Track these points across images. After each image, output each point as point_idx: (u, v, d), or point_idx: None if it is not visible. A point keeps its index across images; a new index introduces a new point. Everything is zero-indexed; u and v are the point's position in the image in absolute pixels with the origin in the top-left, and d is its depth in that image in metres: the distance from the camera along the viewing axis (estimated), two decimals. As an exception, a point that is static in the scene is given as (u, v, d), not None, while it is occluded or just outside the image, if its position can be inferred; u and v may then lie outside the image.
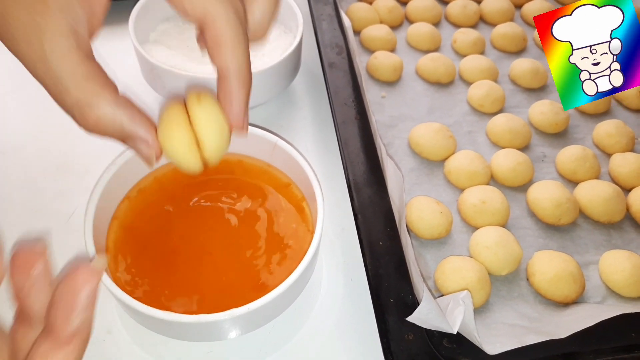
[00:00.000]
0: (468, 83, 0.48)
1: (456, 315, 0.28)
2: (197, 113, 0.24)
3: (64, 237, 0.37)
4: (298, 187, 0.36)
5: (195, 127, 0.24)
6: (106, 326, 0.33)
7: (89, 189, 0.32)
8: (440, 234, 0.37)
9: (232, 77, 0.23)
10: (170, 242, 0.33)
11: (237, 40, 0.22)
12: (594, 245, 0.38)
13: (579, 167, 0.41)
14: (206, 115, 0.24)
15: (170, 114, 0.24)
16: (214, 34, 0.22)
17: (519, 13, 0.56)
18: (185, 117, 0.24)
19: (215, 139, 0.24)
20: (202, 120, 0.24)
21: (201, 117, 0.24)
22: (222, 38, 0.22)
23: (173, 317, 0.27)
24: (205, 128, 0.24)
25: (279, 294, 0.28)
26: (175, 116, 0.24)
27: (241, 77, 0.23)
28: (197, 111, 0.24)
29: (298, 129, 0.46)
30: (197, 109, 0.24)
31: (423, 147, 0.42)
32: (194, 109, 0.24)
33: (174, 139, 0.24)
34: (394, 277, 0.33)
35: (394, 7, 0.53)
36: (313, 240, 0.30)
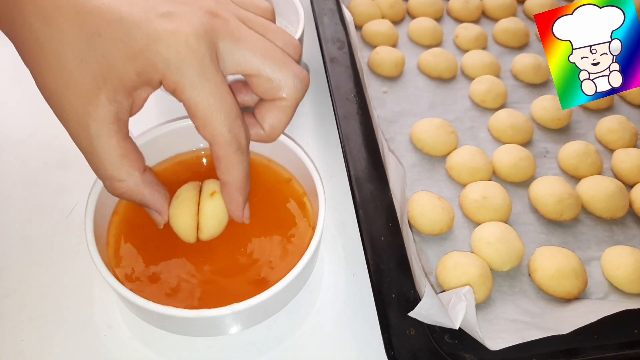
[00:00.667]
0: (470, 78, 0.48)
1: (458, 310, 0.28)
2: (205, 205, 0.30)
3: (65, 232, 0.37)
4: (299, 182, 0.36)
5: (201, 216, 0.30)
6: (107, 321, 0.33)
7: (90, 184, 0.32)
8: (441, 229, 0.37)
9: (231, 188, 0.28)
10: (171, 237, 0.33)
11: (236, 162, 0.27)
12: (596, 241, 0.38)
13: (581, 163, 0.41)
14: (212, 210, 0.30)
15: (185, 198, 0.30)
16: (216, 155, 0.26)
17: (522, 8, 0.56)
18: (195, 205, 0.30)
19: (213, 229, 0.30)
20: (207, 213, 0.29)
21: (207, 211, 0.30)
22: (222, 160, 0.26)
23: (173, 312, 0.27)
24: (207, 220, 0.30)
25: (280, 289, 0.28)
26: (187, 201, 0.30)
27: (239, 188, 0.28)
28: (206, 204, 0.30)
29: (299, 124, 0.45)
30: (207, 202, 0.30)
31: (425, 143, 0.42)
32: (204, 201, 0.30)
33: (180, 220, 0.30)
34: (396, 272, 0.32)
35: (395, 2, 0.53)
36: (314, 236, 0.30)
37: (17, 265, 0.35)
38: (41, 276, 0.35)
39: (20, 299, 0.34)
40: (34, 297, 0.34)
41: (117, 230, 0.33)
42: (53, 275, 0.35)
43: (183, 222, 0.30)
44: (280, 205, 0.35)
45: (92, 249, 0.29)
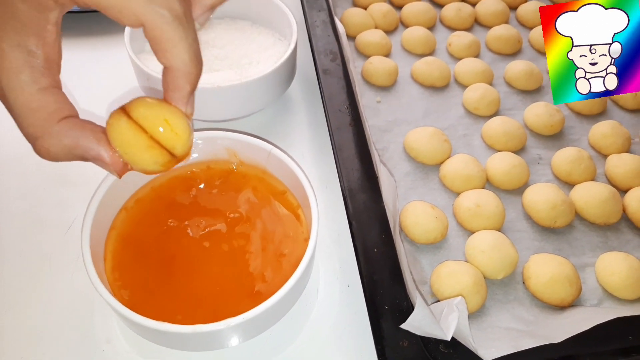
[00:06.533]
0: (463, 86, 0.48)
1: (450, 321, 0.28)
2: (140, 110, 0.24)
3: (64, 247, 0.37)
4: (293, 194, 0.36)
5: (144, 122, 0.24)
6: (105, 336, 0.33)
7: (88, 199, 0.32)
8: (435, 238, 0.37)
9: (174, 71, 0.23)
10: (167, 252, 0.33)
11: (175, 37, 0.22)
12: (591, 247, 0.38)
13: (574, 169, 0.41)
14: (150, 109, 0.24)
15: (113, 123, 0.24)
16: (151, 36, 0.22)
17: (514, 15, 0.56)
18: (129, 121, 0.24)
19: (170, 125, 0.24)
20: (148, 113, 0.24)
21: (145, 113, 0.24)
22: (160, 40, 0.22)
23: (168, 327, 0.27)
24: (153, 118, 0.24)
25: (274, 302, 0.28)
26: (118, 123, 0.24)
27: (184, 70, 0.23)
28: (140, 108, 0.24)
29: (294, 136, 0.46)
30: (139, 106, 0.24)
31: (418, 152, 0.42)
32: (135, 108, 0.24)
33: (128, 144, 0.24)
34: (389, 283, 0.33)
35: (388, 12, 0.53)
36: (307, 249, 0.30)
37: (17, 280, 0.36)
38: (40, 291, 0.35)
39: (20, 314, 0.34)
40: (33, 313, 0.34)
41: (115, 245, 0.33)
42: (52, 290, 0.35)
43: (134, 141, 0.24)
44: (274, 217, 0.35)
45: (88, 265, 0.29)
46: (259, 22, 0.50)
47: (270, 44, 0.47)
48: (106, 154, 0.24)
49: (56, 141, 0.23)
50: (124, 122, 0.24)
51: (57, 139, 0.23)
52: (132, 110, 0.24)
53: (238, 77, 0.44)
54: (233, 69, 0.45)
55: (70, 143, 0.23)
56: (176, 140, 0.24)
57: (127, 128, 0.24)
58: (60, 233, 0.38)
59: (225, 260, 0.33)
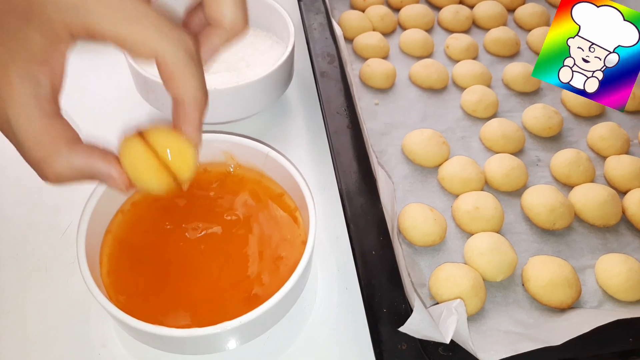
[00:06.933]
0: (461, 88, 0.48)
1: (449, 324, 0.28)
2: (154, 136, 0.26)
3: (60, 251, 0.37)
4: (291, 197, 0.36)
5: (156, 147, 0.26)
6: (101, 340, 0.33)
7: (84, 203, 0.32)
8: (434, 241, 0.37)
9: (186, 105, 0.25)
10: (163, 255, 0.33)
11: (187, 72, 0.24)
12: (590, 250, 0.38)
13: (573, 171, 0.41)
14: (163, 136, 0.26)
15: (128, 145, 0.26)
16: (165, 70, 0.24)
17: (512, 17, 0.56)
18: (143, 144, 0.26)
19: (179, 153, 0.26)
20: (161, 140, 0.26)
21: (158, 139, 0.26)
22: (173, 74, 0.24)
23: (165, 331, 0.27)
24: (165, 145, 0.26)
25: (271, 306, 0.28)
26: (133, 145, 0.26)
27: (195, 104, 0.25)
28: (154, 135, 0.26)
29: (292, 139, 0.46)
30: (154, 133, 0.26)
31: (416, 154, 0.42)
32: (150, 134, 0.26)
33: (139, 166, 0.26)
34: (387, 286, 0.33)
35: (386, 14, 0.53)
36: (305, 252, 0.30)
37: (12, 284, 0.35)
38: (35, 295, 0.35)
39: (15, 319, 0.34)
40: (28, 317, 0.34)
41: (111, 249, 0.33)
42: (48, 295, 0.35)
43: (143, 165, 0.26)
44: (272, 220, 0.35)
45: (84, 270, 0.29)
46: (257, 25, 0.49)
47: (267, 46, 0.47)
48: (116, 173, 0.25)
49: (66, 164, 0.24)
50: (140, 146, 0.26)
51: (67, 162, 0.24)
52: (149, 135, 0.26)
53: (235, 79, 0.44)
54: (230, 72, 0.45)
55: (82, 165, 0.24)
56: (184, 167, 0.26)
57: (142, 151, 0.26)
58: (56, 237, 0.38)
59: (222, 263, 0.33)
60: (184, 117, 0.25)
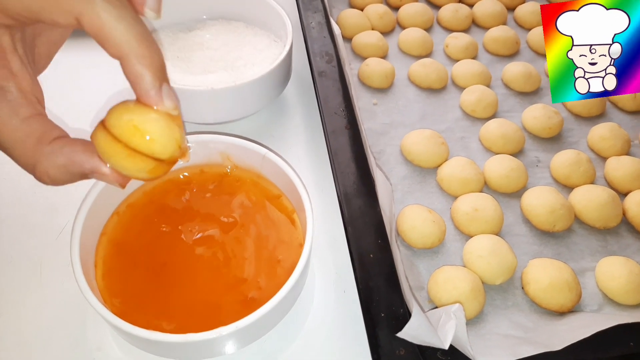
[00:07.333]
0: (460, 88, 0.48)
1: (447, 329, 0.28)
2: (111, 120, 0.23)
3: (55, 253, 0.37)
4: (288, 198, 0.35)
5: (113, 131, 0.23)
6: (97, 343, 0.33)
7: (79, 204, 0.31)
8: (433, 243, 0.37)
9: (132, 65, 0.22)
10: (159, 258, 0.33)
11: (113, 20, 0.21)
12: (590, 252, 0.37)
13: (573, 172, 0.41)
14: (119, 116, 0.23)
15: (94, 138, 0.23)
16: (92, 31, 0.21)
17: (512, 16, 0.56)
18: (105, 133, 0.23)
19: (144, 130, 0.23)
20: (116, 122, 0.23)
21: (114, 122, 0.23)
22: (100, 29, 0.21)
23: (159, 336, 0.26)
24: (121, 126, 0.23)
25: (268, 310, 0.28)
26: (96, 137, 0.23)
27: (143, 61, 0.22)
28: (111, 118, 0.23)
29: (289, 138, 0.45)
30: (111, 117, 0.23)
31: (415, 155, 0.42)
32: (107, 118, 0.23)
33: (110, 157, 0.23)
34: (385, 290, 0.32)
35: (385, 13, 0.53)
36: (302, 255, 0.30)
37: (6, 286, 0.35)
38: (30, 297, 0.34)
39: (10, 321, 0.33)
40: (23, 319, 0.33)
41: (106, 251, 0.33)
42: (42, 297, 0.35)
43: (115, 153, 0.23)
44: (269, 222, 0.35)
45: (78, 274, 0.29)
46: (254, 24, 0.49)
47: (265, 45, 0.47)
48: (103, 166, 0.24)
49: (51, 162, 0.23)
50: (100, 134, 0.23)
51: (51, 160, 0.23)
52: (106, 120, 0.23)
53: (232, 79, 0.44)
54: (227, 71, 0.44)
55: (64, 161, 0.23)
56: (151, 144, 0.23)
57: (104, 139, 0.23)
58: (51, 238, 0.38)
59: (219, 266, 0.32)
60: (132, 78, 0.22)
